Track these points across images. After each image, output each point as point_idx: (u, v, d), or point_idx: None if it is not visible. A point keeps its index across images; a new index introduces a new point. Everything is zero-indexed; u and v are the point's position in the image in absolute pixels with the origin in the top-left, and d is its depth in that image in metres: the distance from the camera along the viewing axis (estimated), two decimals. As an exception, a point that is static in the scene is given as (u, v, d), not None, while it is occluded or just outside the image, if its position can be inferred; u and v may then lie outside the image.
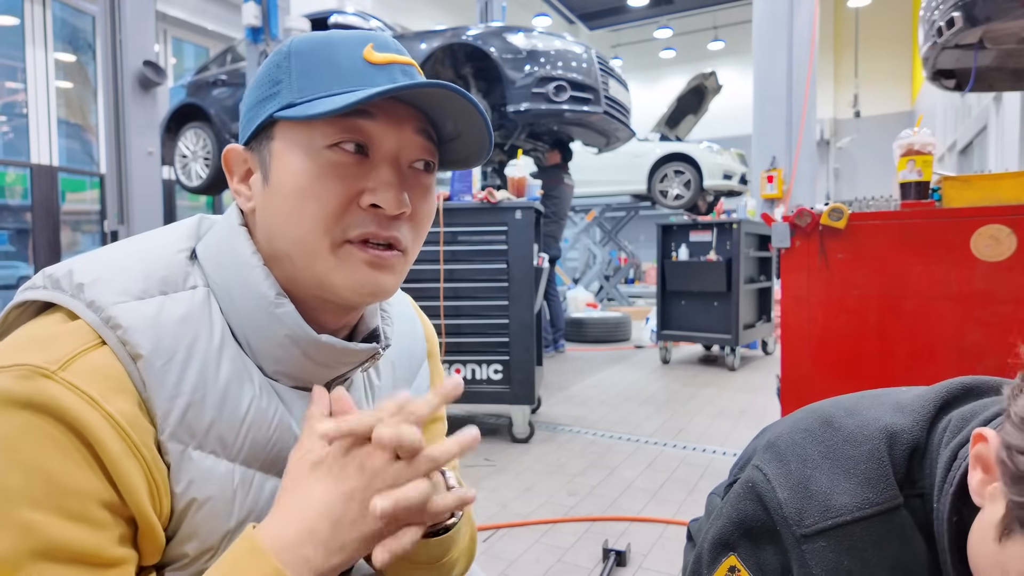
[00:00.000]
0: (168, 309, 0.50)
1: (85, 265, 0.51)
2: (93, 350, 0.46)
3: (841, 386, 2.21)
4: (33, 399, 0.43)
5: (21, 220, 7.16)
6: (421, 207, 0.56)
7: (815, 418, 0.78)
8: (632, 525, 2.15)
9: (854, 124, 14.68)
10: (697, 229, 4.84)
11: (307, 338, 0.53)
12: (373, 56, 0.52)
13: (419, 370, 0.74)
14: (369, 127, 0.51)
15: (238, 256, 0.54)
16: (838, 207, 2.15)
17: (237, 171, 0.57)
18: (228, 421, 0.51)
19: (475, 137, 0.56)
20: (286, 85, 0.52)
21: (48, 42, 7.19)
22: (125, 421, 0.45)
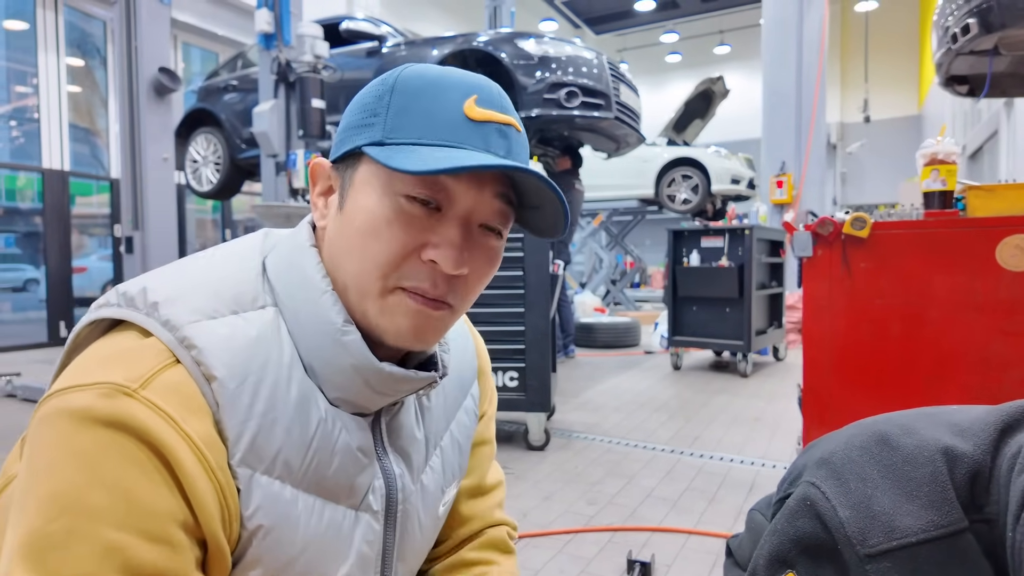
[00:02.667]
0: (240, 330, 0.50)
1: (158, 283, 0.51)
2: (169, 368, 0.46)
3: (864, 396, 2.20)
4: (115, 417, 0.43)
5: (31, 223, 7.18)
6: (481, 270, 0.55)
7: (869, 435, 0.77)
8: (654, 535, 2.14)
9: (863, 129, 14.66)
10: (709, 235, 4.83)
11: (371, 367, 0.53)
12: (474, 111, 0.51)
13: (469, 389, 0.73)
14: (450, 184, 0.51)
15: (307, 278, 0.54)
16: (861, 216, 2.14)
17: (320, 184, 0.58)
18: (295, 447, 0.51)
19: (553, 214, 0.55)
20: (381, 119, 0.52)
21: (60, 47, 7.22)
22: (202, 442, 0.46)
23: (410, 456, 0.62)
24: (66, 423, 0.43)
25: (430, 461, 0.65)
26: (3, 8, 6.93)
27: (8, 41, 7.04)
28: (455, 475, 0.70)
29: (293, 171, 3.92)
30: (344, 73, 4.67)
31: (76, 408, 0.43)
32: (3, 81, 7.02)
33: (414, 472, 0.62)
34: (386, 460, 0.59)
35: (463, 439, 0.71)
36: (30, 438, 0.44)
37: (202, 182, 5.85)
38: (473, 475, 0.77)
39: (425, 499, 0.64)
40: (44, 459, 0.42)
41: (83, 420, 0.42)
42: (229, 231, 8.81)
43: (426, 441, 0.64)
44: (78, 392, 0.44)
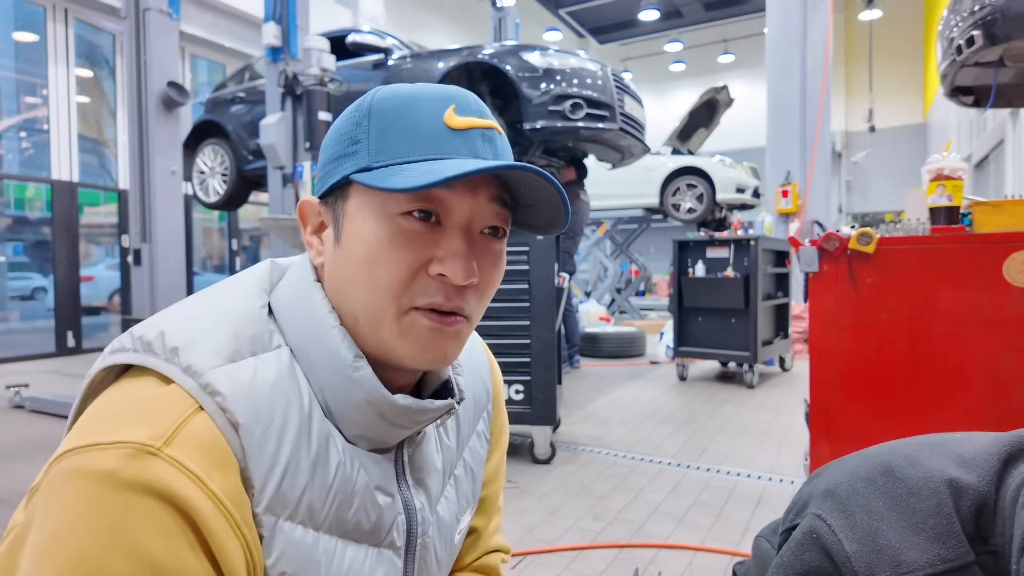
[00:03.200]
0: (261, 372, 0.50)
1: (175, 326, 0.50)
2: (193, 418, 0.45)
3: (871, 411, 2.19)
4: (140, 481, 0.42)
5: (38, 232, 7.24)
6: (490, 275, 0.55)
7: (874, 467, 0.77)
8: (661, 552, 2.13)
9: (867, 137, 14.64)
10: (714, 245, 4.83)
11: (384, 402, 0.52)
12: (454, 121, 0.51)
13: (481, 415, 0.72)
14: (444, 196, 0.51)
15: (314, 315, 0.53)
16: (867, 232, 2.14)
17: (311, 223, 0.57)
18: (318, 490, 0.51)
19: (551, 208, 0.55)
20: (364, 146, 0.52)
21: (70, 60, 7.30)
22: (228, 499, 0.45)
23: (429, 487, 0.61)
24: (88, 485, 0.41)
25: (445, 491, 0.64)
26: (13, 20, 7.02)
27: (18, 53, 7.12)
28: (469, 503, 0.69)
29: (300, 183, 3.94)
30: (350, 85, 4.71)
31: (99, 470, 0.42)
32: (13, 92, 7.09)
33: (433, 504, 0.62)
34: (407, 494, 0.58)
35: (476, 466, 0.70)
36: (47, 495, 0.43)
37: (209, 193, 5.89)
38: (483, 515, 0.76)
39: (442, 530, 0.63)
40: (64, 522, 0.41)
41: (106, 483, 0.41)
42: (236, 240, 8.85)
43: (443, 471, 0.64)
44: (100, 452, 0.42)
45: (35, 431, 3.72)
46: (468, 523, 0.70)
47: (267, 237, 9.53)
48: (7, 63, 6.97)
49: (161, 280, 3.86)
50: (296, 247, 4.10)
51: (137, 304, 3.91)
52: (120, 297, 7.59)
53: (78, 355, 6.93)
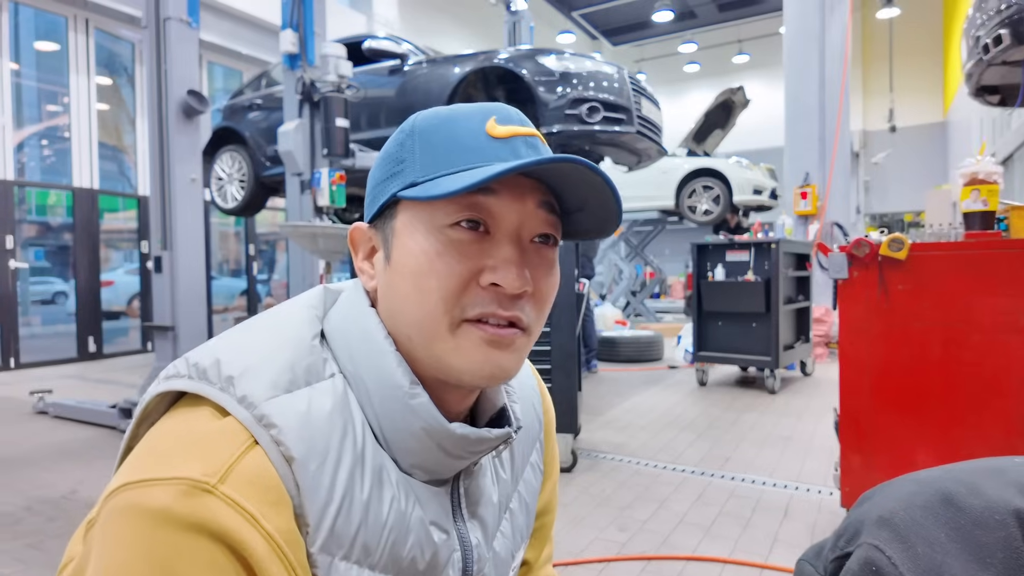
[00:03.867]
0: (316, 403, 0.48)
1: (231, 354, 0.49)
2: (248, 453, 0.44)
3: (903, 421, 2.14)
4: (194, 520, 0.41)
5: (60, 238, 7.33)
6: (544, 283, 0.53)
7: (932, 494, 0.74)
8: (688, 565, 2.09)
9: (887, 136, 14.46)
10: (734, 249, 4.77)
11: (442, 430, 0.51)
12: (496, 130, 0.51)
13: (534, 446, 0.70)
14: (491, 203, 0.50)
15: (370, 341, 0.52)
16: (898, 238, 2.10)
17: (362, 248, 0.57)
18: (372, 527, 0.49)
19: (601, 208, 0.53)
20: (409, 164, 0.51)
21: (90, 68, 7.39)
22: (282, 539, 0.43)
23: (486, 522, 0.59)
24: (143, 523, 0.41)
25: (501, 526, 0.62)
26: (35, 30, 7.12)
27: (40, 62, 7.23)
28: (523, 537, 0.67)
29: (318, 189, 3.94)
30: (367, 91, 4.71)
31: (154, 508, 0.41)
32: (35, 101, 7.20)
33: (489, 539, 0.60)
34: (463, 529, 0.57)
35: (530, 499, 0.68)
36: (103, 531, 0.43)
37: (227, 199, 5.93)
38: (535, 547, 0.74)
39: (498, 567, 0.61)
40: (119, 560, 0.41)
41: (161, 521, 0.41)
42: (252, 245, 8.91)
43: (499, 505, 0.62)
44: (155, 488, 0.42)
45: (58, 437, 3.76)
46: (521, 559, 0.68)
47: (283, 242, 9.59)
48: (30, 72, 7.07)
49: (182, 287, 3.88)
50: (315, 253, 4.11)
51: (158, 311, 3.94)
52: (140, 302, 7.67)
53: (99, 360, 7.01)
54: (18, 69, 6.87)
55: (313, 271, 5.75)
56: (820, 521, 2.42)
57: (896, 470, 2.15)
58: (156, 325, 3.91)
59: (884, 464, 2.19)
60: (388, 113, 4.76)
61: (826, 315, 6.31)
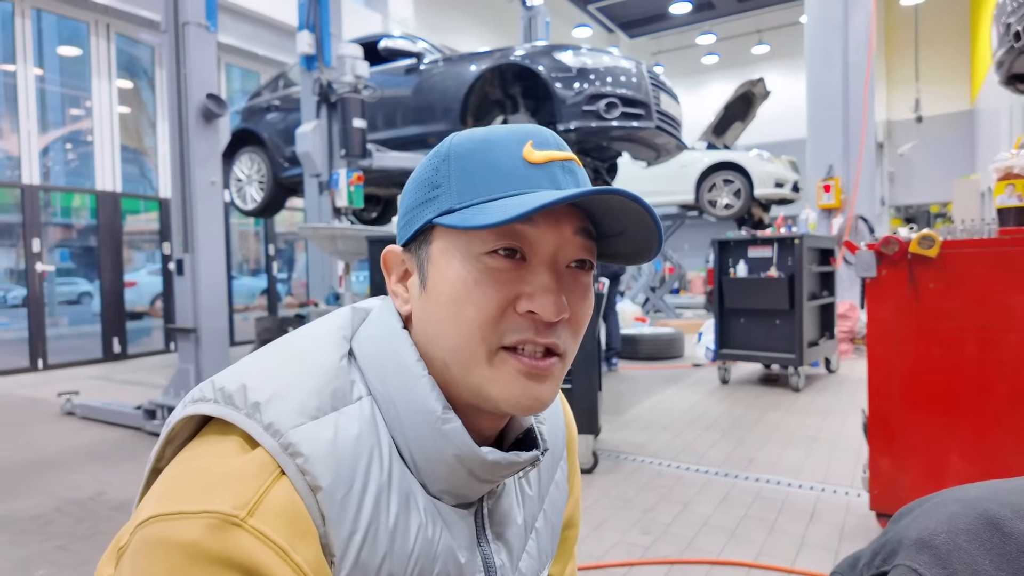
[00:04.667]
0: (343, 429, 0.48)
1: (257, 379, 0.49)
2: (275, 484, 0.44)
3: (935, 423, 2.09)
4: (224, 555, 0.41)
5: (84, 240, 7.46)
6: (580, 309, 0.53)
7: (976, 517, 0.70)
8: (714, 569, 2.06)
9: (912, 126, 14.16)
10: (756, 245, 4.70)
11: (475, 457, 0.50)
12: (533, 155, 0.51)
13: (559, 464, 0.69)
14: (528, 232, 0.49)
15: (402, 365, 0.51)
16: (929, 235, 2.04)
17: (395, 271, 0.56)
18: (398, 556, 0.49)
19: (642, 232, 0.52)
20: (445, 189, 0.51)
21: (112, 73, 7.49)
22: (311, 570, 0.43)
23: (511, 544, 0.59)
24: (172, 557, 0.41)
25: (527, 546, 0.62)
26: (57, 35, 7.23)
27: (63, 67, 7.34)
28: (548, 557, 0.67)
29: (336, 190, 3.95)
30: (383, 91, 4.71)
31: (184, 542, 0.41)
32: (59, 106, 7.31)
33: (514, 560, 0.59)
34: (488, 551, 0.56)
35: (555, 518, 0.68)
36: (133, 563, 0.43)
37: (246, 200, 5.99)
38: (560, 562, 0.74)
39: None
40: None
41: (190, 556, 0.41)
42: (271, 245, 8.99)
43: (524, 525, 0.62)
44: (185, 522, 0.42)
45: (86, 439, 3.82)
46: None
47: (302, 241, 9.66)
48: (53, 77, 7.18)
49: (203, 289, 3.91)
50: (334, 254, 4.12)
51: (180, 313, 3.98)
52: (162, 303, 7.78)
53: (124, 360, 7.12)
54: (42, 75, 6.98)
55: (332, 270, 5.79)
56: (849, 524, 2.37)
57: (927, 473, 2.10)
58: (179, 328, 3.95)
59: (915, 467, 2.13)
60: (405, 112, 4.76)
61: (851, 311, 6.20)
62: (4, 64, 6.65)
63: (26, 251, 6.36)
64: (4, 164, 6.73)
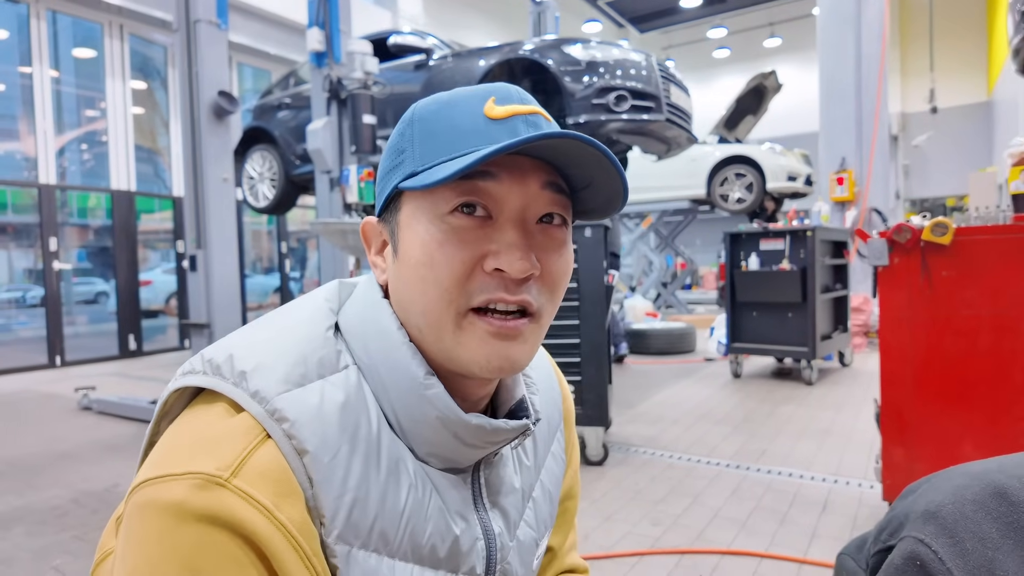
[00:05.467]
0: (328, 396, 0.48)
1: (244, 349, 0.49)
2: (259, 447, 0.45)
3: (948, 413, 2.06)
4: (209, 512, 0.41)
5: (100, 240, 7.55)
6: (553, 265, 0.51)
7: (983, 488, 0.69)
8: (724, 559, 2.05)
9: (927, 119, 13.96)
10: (768, 237, 4.66)
11: (457, 420, 0.50)
12: (494, 111, 0.49)
13: (555, 436, 0.69)
14: (490, 187, 0.49)
15: (383, 332, 0.52)
16: (942, 222, 2.01)
17: (374, 243, 0.56)
18: (389, 516, 0.49)
19: (607, 184, 0.51)
20: (409, 154, 0.51)
21: (126, 73, 7.58)
22: (296, 529, 0.44)
23: (508, 512, 0.59)
24: (162, 518, 0.42)
25: (524, 515, 0.62)
26: (72, 37, 7.32)
27: (78, 69, 7.43)
28: (547, 526, 0.67)
29: (346, 186, 3.97)
30: (393, 87, 4.73)
31: (170, 502, 0.42)
32: (74, 107, 7.41)
33: (511, 528, 0.60)
34: (485, 518, 0.57)
35: (553, 488, 0.68)
36: (127, 527, 0.44)
37: (259, 198, 6.03)
38: (559, 533, 0.74)
39: (522, 555, 0.61)
40: (143, 556, 0.42)
41: (177, 515, 0.41)
42: (284, 243, 9.05)
43: (522, 494, 0.62)
44: (171, 483, 0.42)
45: (103, 433, 3.87)
46: (545, 546, 0.68)
47: (314, 239, 9.72)
48: (68, 79, 7.28)
49: (216, 284, 3.96)
50: (345, 250, 4.14)
51: (194, 308, 4.02)
52: (177, 301, 7.86)
53: (140, 357, 7.21)
54: (57, 76, 7.08)
55: (344, 267, 5.82)
56: (861, 515, 2.35)
57: (941, 463, 2.07)
58: (192, 322, 4.00)
59: (928, 457, 2.11)
60: (414, 108, 4.77)
61: (864, 304, 6.14)
62: (21, 66, 6.75)
63: (43, 250, 6.46)
64: (21, 165, 6.84)
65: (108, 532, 0.56)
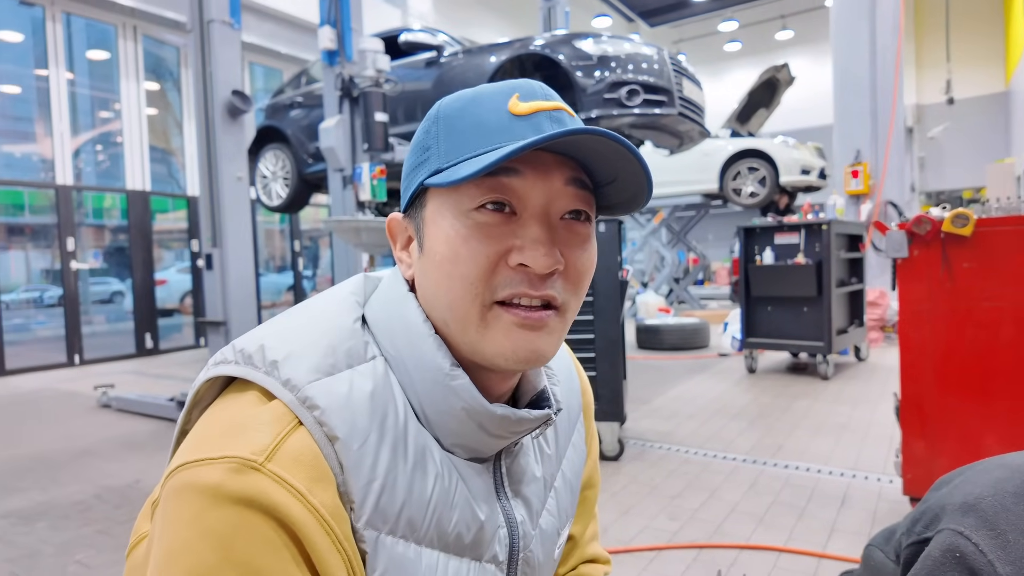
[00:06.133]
0: (357, 385, 0.49)
1: (275, 340, 0.50)
2: (292, 433, 0.46)
3: (970, 406, 2.04)
4: (245, 495, 0.42)
5: (116, 240, 7.64)
6: (577, 260, 0.52)
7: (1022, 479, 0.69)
8: (742, 553, 2.05)
9: (944, 110, 13.77)
10: (783, 231, 4.63)
11: (483, 411, 0.51)
12: (518, 107, 0.50)
13: (575, 427, 0.70)
14: (515, 184, 0.49)
15: (409, 325, 0.53)
16: (963, 213, 1.99)
17: (399, 238, 0.57)
18: (417, 503, 0.50)
19: (632, 180, 0.52)
20: (434, 151, 0.52)
21: (139, 74, 7.65)
22: (328, 513, 0.45)
23: (530, 500, 0.60)
24: (198, 500, 0.43)
25: (547, 504, 0.63)
26: (86, 40, 7.40)
27: (92, 70, 7.51)
28: (568, 515, 0.68)
29: (359, 184, 3.99)
30: (405, 85, 4.73)
31: (206, 484, 0.43)
32: (88, 108, 7.49)
33: (534, 516, 0.61)
34: (508, 506, 0.57)
35: (574, 477, 0.69)
36: (164, 509, 0.45)
37: (272, 197, 6.06)
38: (580, 522, 0.75)
39: (544, 543, 0.62)
40: (179, 537, 0.43)
41: (214, 498, 0.42)
42: (297, 241, 9.11)
43: (543, 483, 0.63)
44: (207, 467, 0.44)
45: (122, 430, 3.92)
46: (566, 536, 0.69)
47: (327, 238, 9.77)
48: (83, 80, 7.36)
49: (232, 282, 3.99)
50: (358, 247, 4.16)
51: (210, 306, 4.06)
52: (192, 299, 7.94)
53: (156, 356, 7.29)
54: (73, 78, 7.15)
55: (357, 265, 5.84)
56: (881, 509, 2.33)
57: (963, 456, 2.05)
58: (209, 320, 4.03)
59: (950, 450, 2.09)
60: (425, 105, 4.77)
61: (880, 298, 6.08)
62: (37, 69, 6.83)
63: (61, 250, 6.54)
64: (38, 166, 6.92)
65: (143, 516, 0.57)
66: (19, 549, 2.26)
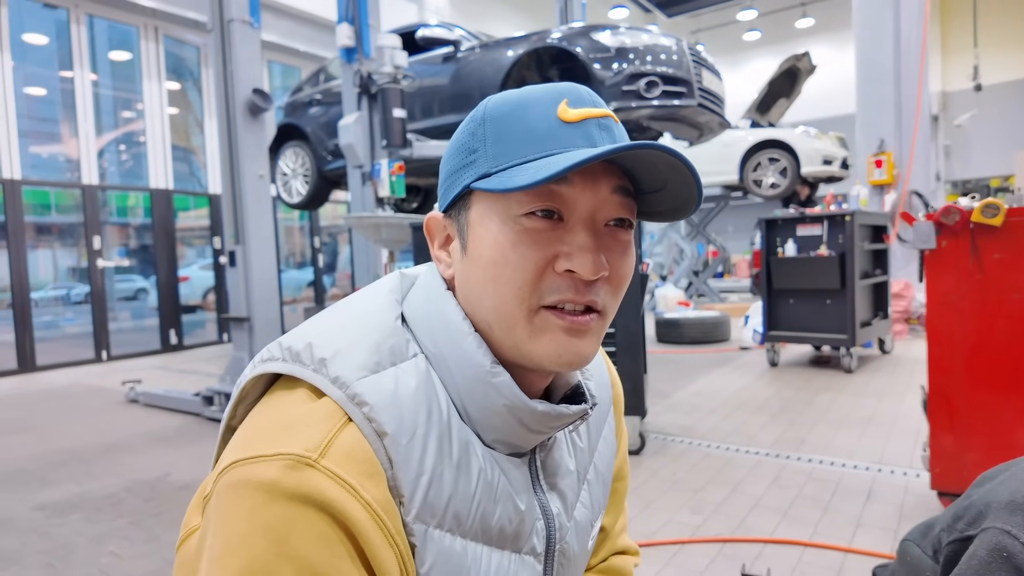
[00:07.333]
0: (402, 382, 0.50)
1: (321, 338, 0.52)
2: (343, 430, 0.47)
3: (1001, 399, 2.01)
4: (300, 491, 0.43)
5: (140, 237, 7.78)
6: (620, 267, 0.53)
7: None
8: (766, 547, 2.04)
9: (970, 97, 13.46)
10: (805, 223, 4.57)
11: (524, 407, 0.52)
12: (567, 114, 0.51)
13: (606, 420, 0.71)
14: (564, 192, 0.50)
15: (449, 323, 0.53)
16: (993, 203, 1.95)
17: (437, 237, 0.58)
18: (462, 497, 0.51)
19: (682, 188, 0.53)
20: (482, 154, 0.52)
21: (161, 74, 7.75)
22: (380, 508, 0.46)
23: (565, 493, 0.61)
24: (254, 496, 0.44)
25: (580, 496, 0.64)
26: (108, 41, 7.51)
27: (114, 71, 7.62)
28: (600, 507, 0.69)
29: (378, 180, 4.01)
30: (422, 81, 4.74)
31: (263, 481, 0.44)
32: (111, 109, 7.61)
33: (569, 509, 0.62)
34: (544, 499, 0.59)
35: (605, 470, 0.70)
36: (218, 504, 0.46)
37: (292, 194, 6.13)
38: (611, 514, 0.76)
39: (579, 534, 0.63)
40: (236, 531, 0.43)
41: (270, 493, 0.43)
42: (317, 238, 9.19)
43: (577, 476, 0.64)
44: (263, 464, 0.44)
45: (150, 425, 4.00)
46: (599, 528, 0.70)
47: (346, 234, 9.84)
48: (106, 81, 7.48)
49: (255, 279, 4.04)
50: (378, 243, 4.19)
51: (233, 302, 4.11)
52: (215, 295, 8.05)
53: (181, 351, 7.41)
54: (96, 79, 7.27)
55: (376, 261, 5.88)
56: (908, 504, 2.30)
57: (993, 450, 2.02)
58: (233, 316, 4.09)
59: (979, 444, 2.06)
60: (443, 100, 4.78)
61: (905, 290, 5.98)
62: (62, 71, 6.96)
63: (88, 248, 6.67)
64: (64, 166, 7.06)
65: (192, 510, 0.58)
66: (54, 540, 2.33)
